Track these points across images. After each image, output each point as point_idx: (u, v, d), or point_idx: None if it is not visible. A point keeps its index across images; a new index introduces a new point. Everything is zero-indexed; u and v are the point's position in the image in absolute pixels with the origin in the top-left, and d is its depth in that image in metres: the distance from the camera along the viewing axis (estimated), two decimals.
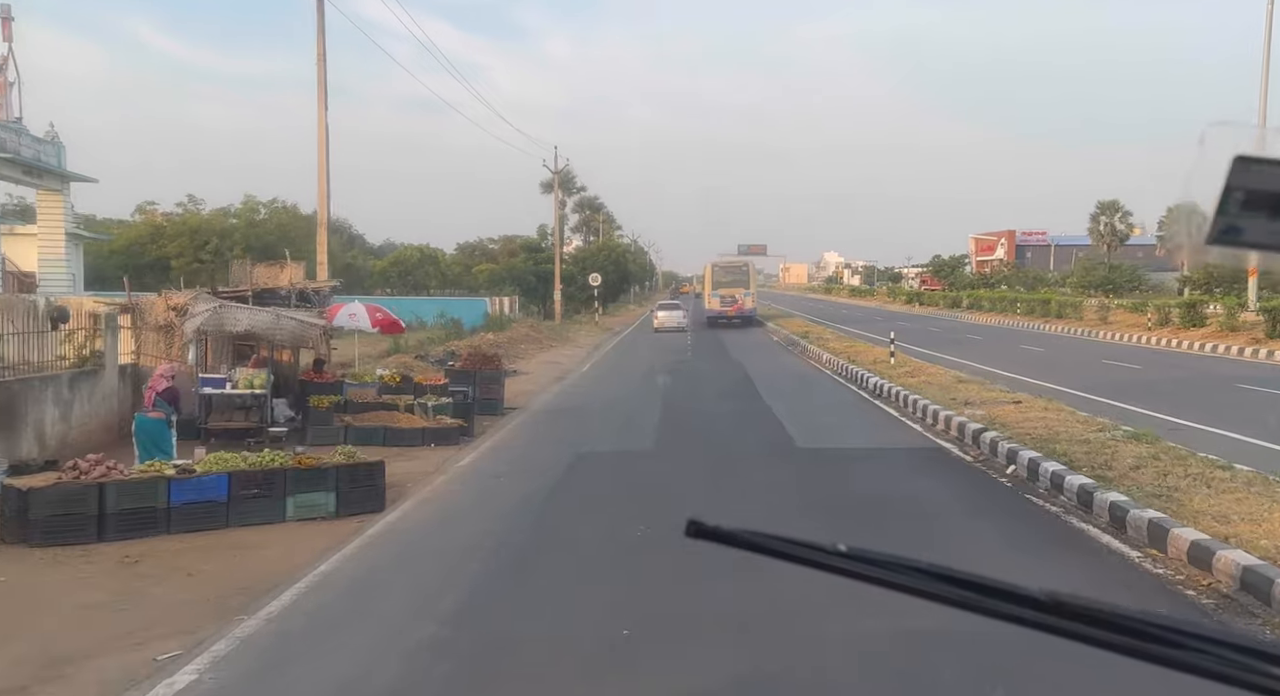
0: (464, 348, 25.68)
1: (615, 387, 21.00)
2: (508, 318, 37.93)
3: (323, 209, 15.43)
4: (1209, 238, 0.82)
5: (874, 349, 25.97)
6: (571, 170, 71.79)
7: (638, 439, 13.66)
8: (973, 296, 56.03)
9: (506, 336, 31.21)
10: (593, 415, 16.50)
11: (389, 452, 12.94)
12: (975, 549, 7.43)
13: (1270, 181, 0.79)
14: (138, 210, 41.87)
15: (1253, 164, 0.79)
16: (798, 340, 32.21)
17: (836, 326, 41.10)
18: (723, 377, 22.58)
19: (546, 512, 9.07)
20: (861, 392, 18.68)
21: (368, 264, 71.55)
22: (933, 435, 13.24)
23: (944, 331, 40.20)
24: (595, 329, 44.71)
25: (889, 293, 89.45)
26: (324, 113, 15.67)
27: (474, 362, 16.63)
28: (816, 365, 25.46)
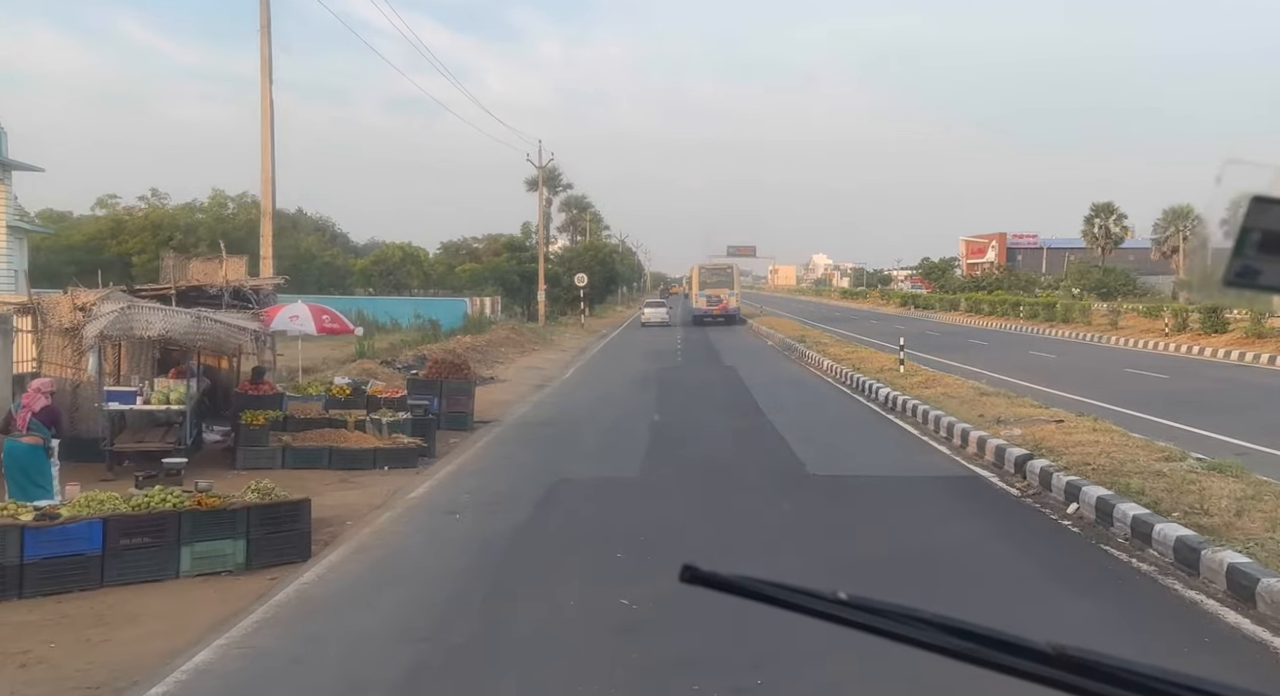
0: (438, 352, 23.80)
1: (599, 398, 19.17)
2: (488, 319, 36.06)
3: (266, 196, 13.58)
4: (1225, 279, 0.81)
5: (878, 355, 24.22)
6: (557, 167, 69.94)
7: (623, 461, 11.84)
8: (971, 299, 54.42)
9: (485, 339, 29.34)
10: (573, 431, 14.67)
11: (333, 478, 11.10)
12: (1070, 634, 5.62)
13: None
14: (99, 203, 39.82)
15: (1271, 205, 0.77)
16: (795, 345, 30.46)
17: (833, 329, 39.39)
18: (717, 387, 20.77)
19: (505, 574, 7.22)
20: (871, 405, 16.91)
21: (348, 263, 69.49)
22: (964, 459, 11.47)
23: (944, 336, 38.53)
24: (581, 331, 42.87)
25: (882, 295, 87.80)
26: (268, 87, 13.84)
27: (440, 371, 14.77)
28: (817, 372, 23.70)
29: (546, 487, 10.27)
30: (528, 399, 18.93)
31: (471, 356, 25.02)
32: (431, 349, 24.01)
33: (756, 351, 32.02)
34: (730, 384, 21.18)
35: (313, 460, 11.40)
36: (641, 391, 19.81)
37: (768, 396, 18.39)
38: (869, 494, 9.94)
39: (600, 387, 21.14)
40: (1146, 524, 7.40)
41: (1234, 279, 0.80)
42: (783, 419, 15.21)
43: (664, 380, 22.05)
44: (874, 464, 11.62)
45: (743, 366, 25.37)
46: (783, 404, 17.31)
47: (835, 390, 19.87)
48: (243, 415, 11.45)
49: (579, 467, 11.70)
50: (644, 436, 13.76)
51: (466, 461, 12.17)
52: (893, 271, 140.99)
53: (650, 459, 12.03)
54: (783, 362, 27.53)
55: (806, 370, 24.76)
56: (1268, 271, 0.78)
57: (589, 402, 18.33)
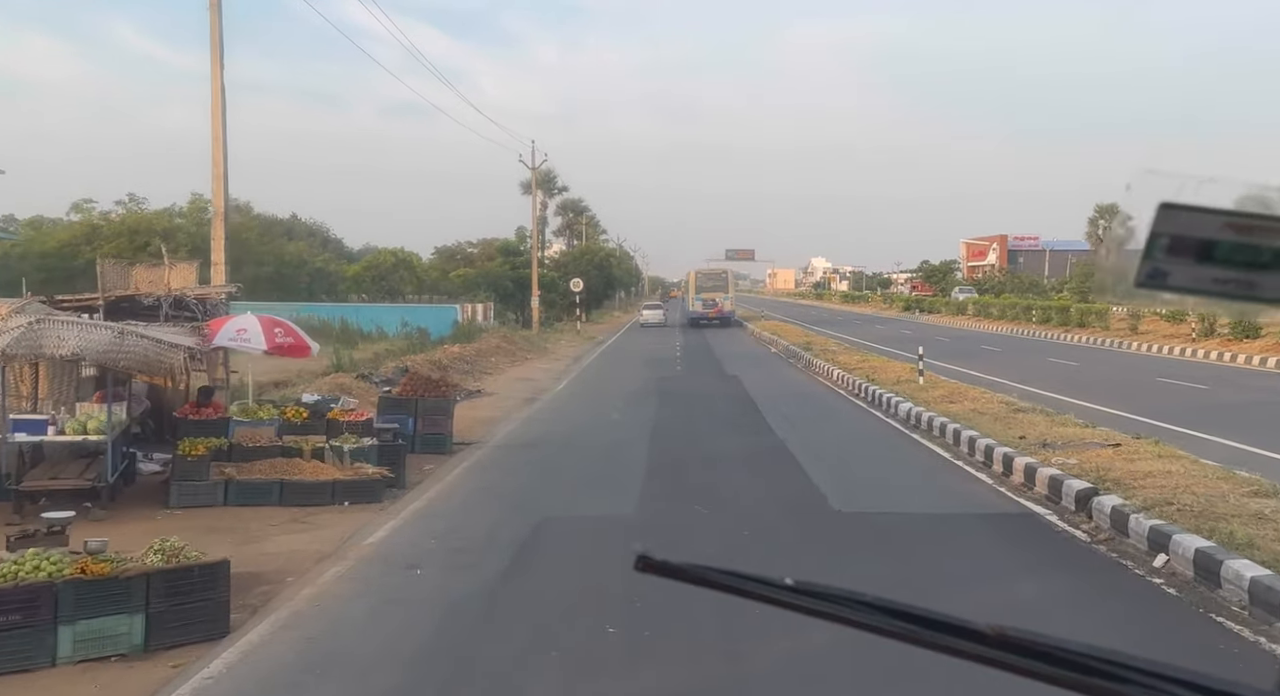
0: (421, 363, 22.30)
1: (594, 414, 17.66)
2: (478, 327, 34.53)
3: (218, 194, 12.02)
4: (1136, 280, 0.86)
5: (892, 364, 22.73)
6: (553, 170, 68.54)
7: (618, 495, 10.33)
8: (979, 303, 52.96)
9: (475, 348, 27.82)
10: (563, 454, 13.15)
11: (283, 517, 9.58)
12: None
13: (1194, 228, 0.83)
14: (73, 208, 38.21)
15: (1177, 211, 0.83)
16: (800, 352, 28.96)
17: (839, 335, 37.90)
18: (721, 400, 19.26)
19: (468, 663, 5.70)
20: (891, 422, 15.40)
21: (340, 269, 68.00)
22: (1011, 492, 9.96)
23: (954, 341, 37.05)
24: (576, 338, 41.35)
25: (884, 299, 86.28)
26: (219, 72, 12.28)
27: (415, 388, 13.24)
28: (827, 383, 22.19)
29: (528, 530, 8.76)
30: (516, 415, 17.41)
31: (458, 367, 23.54)
32: (415, 360, 22.50)
33: (760, 359, 30.52)
34: (735, 396, 19.68)
35: (260, 496, 9.88)
36: (639, 405, 18.31)
37: (776, 411, 16.89)
38: (911, 539, 8.42)
39: (595, 402, 19.62)
40: (1273, 590, 5.90)
41: (1145, 280, 0.86)
42: (796, 438, 13.71)
43: (664, 392, 20.54)
44: (908, 497, 10.11)
45: (747, 376, 23.86)
46: (794, 420, 15.81)
47: (849, 404, 18.35)
48: (180, 444, 9.93)
49: (567, 502, 10.20)
50: (641, 461, 12.26)
51: (440, 494, 10.65)
52: (892, 275, 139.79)
53: (649, 491, 10.52)
54: (789, 372, 26.03)
55: (815, 380, 23.26)
56: (1175, 273, 0.84)
57: (582, 420, 16.82)
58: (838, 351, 27.72)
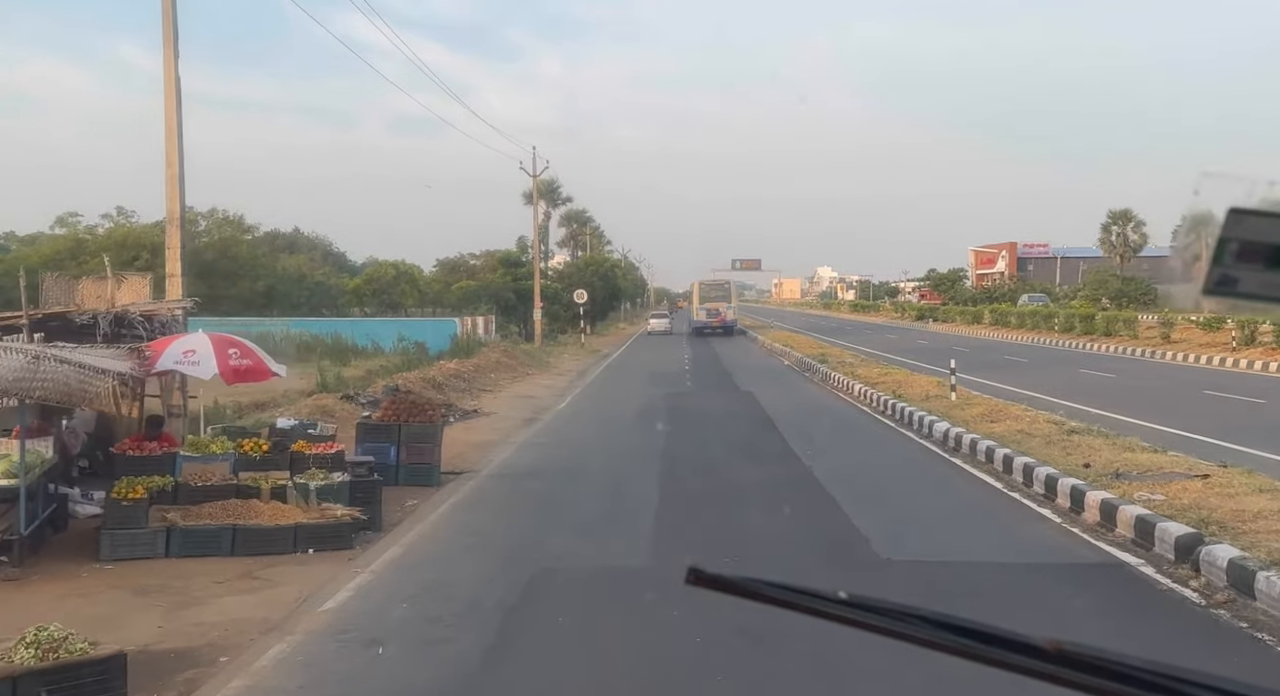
0: (415, 381, 20.93)
1: (598, 437, 16.23)
2: (478, 341, 33.15)
3: (174, 197, 10.58)
4: (1205, 288, 0.84)
5: (917, 378, 21.28)
6: (556, 180, 67.39)
7: (626, 539, 8.91)
8: (996, 311, 51.47)
9: (473, 364, 26.42)
10: (564, 487, 11.72)
11: (233, 570, 8.17)
12: None
13: (1264, 233, 0.80)
14: (58, 222, 36.95)
15: (1247, 216, 0.81)
16: (815, 364, 27.52)
17: (853, 346, 36.45)
18: (736, 419, 17.83)
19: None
20: (927, 444, 13.95)
21: (340, 282, 66.81)
22: (1086, 533, 8.50)
23: (975, 352, 35.57)
24: (581, 352, 39.95)
25: (895, 308, 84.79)
26: (174, 62, 10.88)
27: (398, 413, 11.81)
28: (848, 398, 20.74)
29: (520, 587, 7.33)
30: (514, 438, 15.98)
31: (455, 385, 22.16)
32: (409, 378, 21.11)
33: (773, 372, 29.07)
34: (751, 415, 18.24)
35: (209, 545, 8.47)
36: (647, 427, 16.89)
37: (798, 432, 15.45)
38: (977, 596, 6.95)
39: (599, 422, 18.19)
40: None
41: (1214, 288, 0.83)
42: (824, 466, 12.26)
43: (673, 410, 19.11)
44: (965, 540, 8.65)
45: (761, 391, 22.43)
46: (818, 443, 14.37)
47: (875, 423, 16.90)
48: (116, 484, 8.53)
49: (567, 548, 8.77)
50: (651, 495, 10.82)
51: (421, 538, 9.23)
52: (900, 283, 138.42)
53: (662, 533, 9.08)
54: (805, 386, 24.58)
55: (834, 396, 21.80)
56: (1245, 280, 0.82)
57: (585, 444, 15.39)
58: (855, 363, 26.27)
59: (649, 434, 15.99)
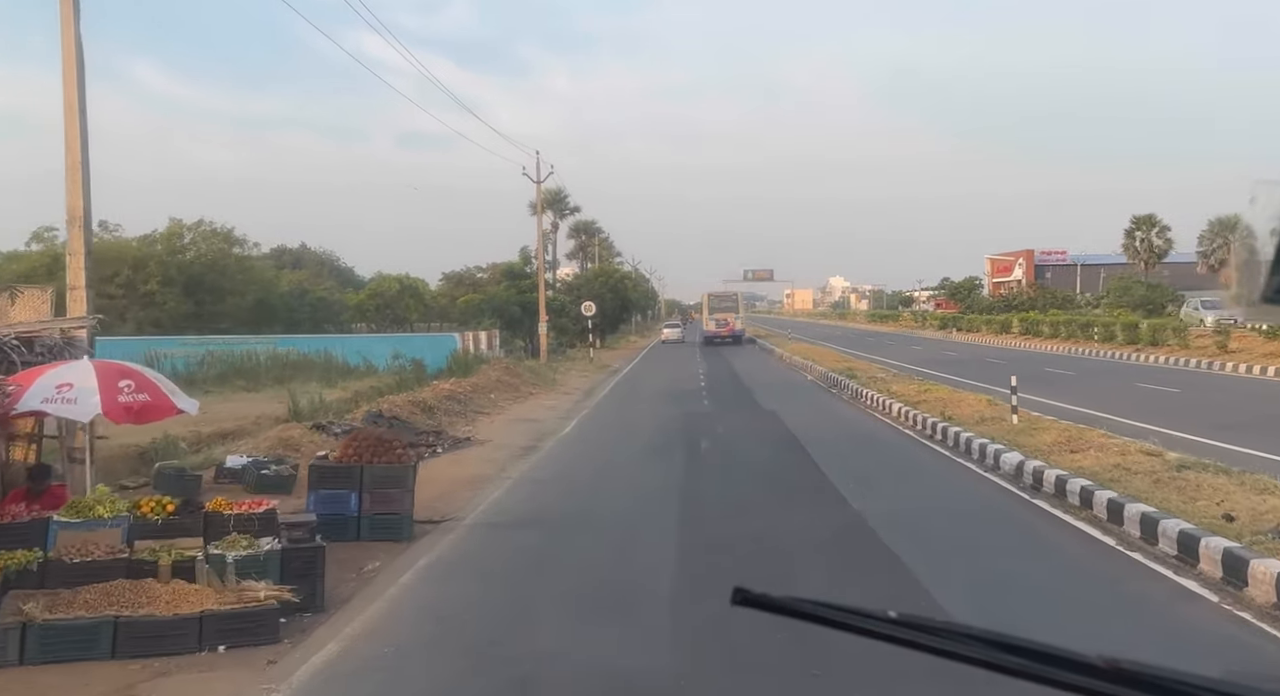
0: (402, 405, 18.82)
1: (606, 470, 14.06)
2: (478, 357, 31.02)
3: (76, 191, 8.45)
4: (1264, 295, 0.84)
5: (963, 395, 19.04)
6: (564, 189, 65.47)
7: (641, 626, 6.74)
8: (1026, 319, 49.09)
9: (471, 384, 24.29)
10: (562, 542, 9.54)
11: (106, 683, 6.03)
12: None
13: None
14: (34, 237, 35.10)
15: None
16: (842, 379, 25.29)
17: (879, 359, 34.21)
18: (762, 445, 15.64)
19: None
20: (996, 479, 11.71)
21: (343, 297, 64.96)
22: (1258, 617, 6.28)
23: (1010, 363, 33.18)
24: (589, 368, 37.79)
25: (915, 318, 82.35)
26: (75, 37, 8.80)
27: (359, 452, 9.64)
28: (885, 419, 18.51)
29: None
30: (509, 472, 13.81)
31: (449, 408, 20.04)
32: (395, 401, 18.99)
33: (796, 389, 26.84)
34: (779, 440, 16.03)
35: (80, 645, 6.33)
36: (661, 457, 14.72)
37: (837, 462, 13.24)
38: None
39: (606, 451, 16.01)
40: None
41: (1275, 295, 0.83)
42: (877, 509, 10.06)
43: (690, 436, 16.95)
44: (1102, 632, 6.39)
45: (786, 410, 20.23)
46: (864, 477, 12.17)
47: (926, 450, 14.65)
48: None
49: (560, 639, 6.59)
50: (669, 555, 8.64)
51: (370, 625, 7.06)
52: (914, 293, 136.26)
53: (686, 613, 6.91)
54: (834, 405, 22.33)
55: (869, 416, 19.56)
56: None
57: (590, 480, 13.21)
58: (888, 379, 24.04)
59: (663, 465, 13.83)
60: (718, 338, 54.45)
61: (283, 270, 64.91)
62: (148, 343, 26.61)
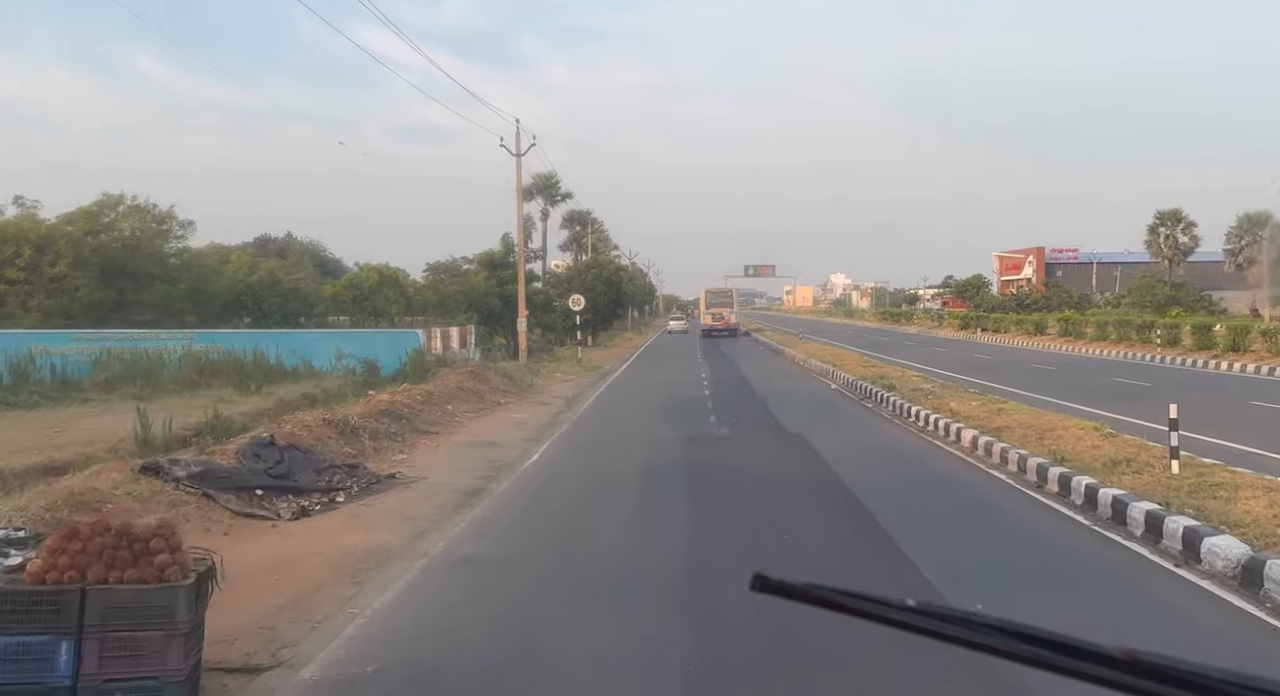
0: (316, 426, 14.24)
1: (572, 536, 9.42)
2: (442, 358, 26.37)
3: None
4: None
5: (1054, 419, 14.48)
6: (555, 174, 60.85)
7: None
8: (1063, 320, 44.56)
9: (424, 392, 19.68)
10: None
11: None
12: None
13: None
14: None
15: None
16: (877, 391, 20.77)
17: (906, 363, 29.67)
18: (797, 492, 11.06)
19: None
20: (1196, 579, 7.14)
21: (315, 288, 60.23)
22: None
23: (1063, 370, 28.77)
24: (576, 369, 33.18)
25: (932, 316, 77.72)
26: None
27: (76, 562, 5.12)
28: (954, 450, 13.91)
29: None
30: (424, 545, 9.19)
31: (381, 427, 15.48)
32: (305, 420, 14.35)
33: (821, 401, 22.27)
34: (822, 487, 11.42)
35: None
36: (656, 509, 10.20)
37: (919, 538, 8.68)
38: None
39: (579, 498, 11.37)
40: None
41: None
42: (1010, 611, 5.47)
43: (695, 474, 12.42)
44: None
45: (818, 434, 15.70)
46: (964, 559, 7.64)
47: (1044, 512, 9.98)
48: None
49: None
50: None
51: None
52: (919, 290, 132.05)
53: None
54: (875, 425, 17.72)
55: (927, 442, 14.96)
56: None
57: (546, 557, 8.58)
58: (937, 392, 19.47)
59: (659, 527, 9.33)
60: (715, 331, 58.66)
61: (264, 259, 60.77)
62: (31, 337, 22.03)
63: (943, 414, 16.09)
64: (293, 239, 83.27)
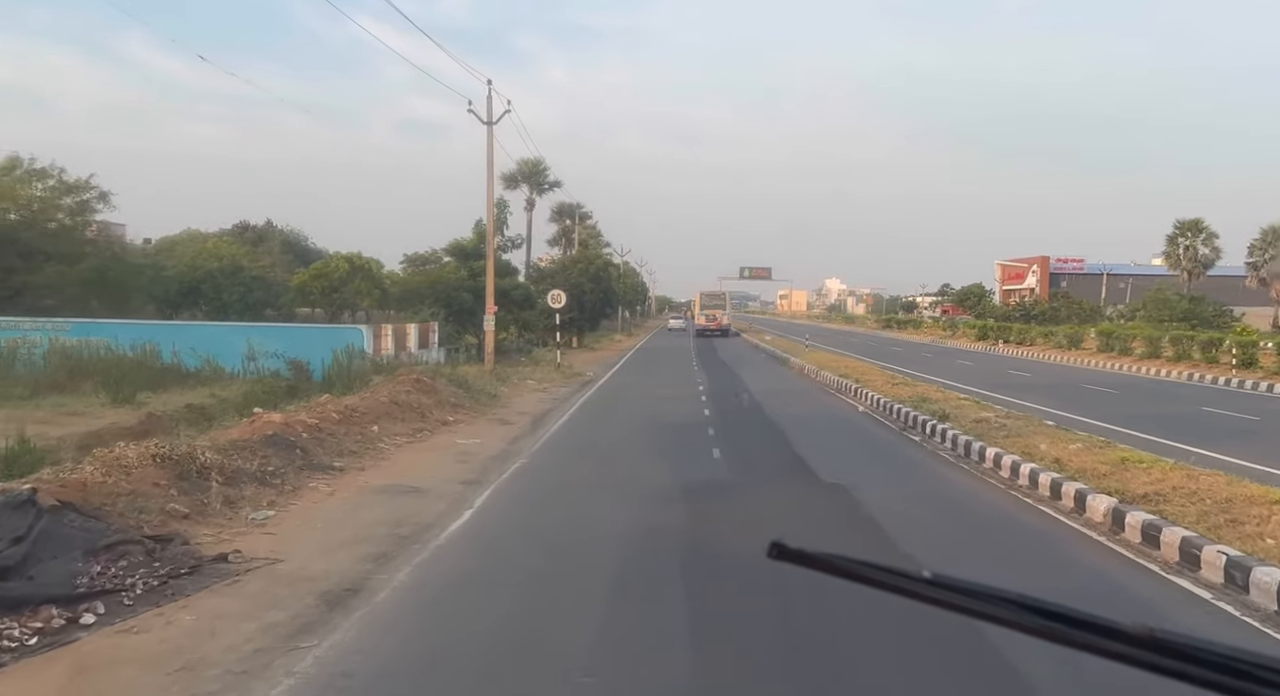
0: (134, 463, 9.63)
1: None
2: (372, 365, 21.65)
3: None
4: None
5: (1210, 479, 9.96)
6: (542, 160, 56.22)
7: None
8: (1105, 331, 40.15)
9: (343, 407, 15.08)
10: None
11: None
12: None
13: None
14: None
15: None
16: (924, 419, 16.35)
17: (935, 379, 25.27)
18: (868, 610, 6.50)
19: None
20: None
21: (286, 277, 55.60)
22: None
23: (1128, 393, 24.38)
24: (554, 376, 28.59)
25: (943, 325, 73.33)
26: None
27: None
28: (1075, 522, 9.39)
29: None
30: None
31: (251, 465, 10.88)
32: (128, 455, 9.71)
33: (854, 431, 17.74)
34: (903, 620, 6.90)
35: None
36: (641, 655, 5.64)
37: None
38: None
39: (518, 619, 6.77)
40: None
41: None
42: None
43: (702, 562, 7.94)
44: None
45: (867, 487, 11.25)
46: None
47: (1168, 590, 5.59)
48: None
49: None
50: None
51: None
52: (917, 298, 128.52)
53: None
54: (940, 473, 13.14)
55: (1032, 509, 10.44)
56: None
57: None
58: (1008, 424, 14.99)
59: (645, 667, 4.81)
60: (708, 330, 62.64)
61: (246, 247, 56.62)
62: None
63: (1037, 461, 11.62)
64: (272, 227, 78.82)
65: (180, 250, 54.95)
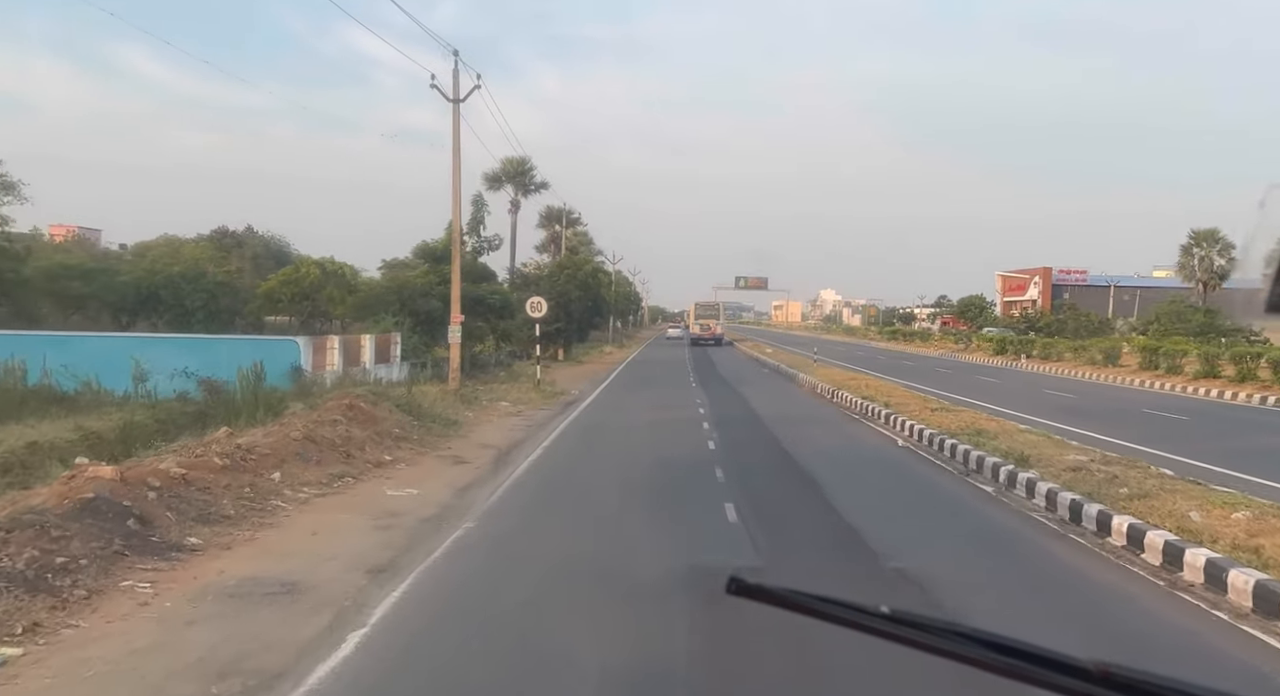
0: None
1: None
2: (316, 380, 17.85)
3: None
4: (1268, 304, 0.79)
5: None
6: (529, 160, 52.52)
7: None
8: (1150, 347, 36.50)
9: (234, 447, 11.28)
10: None
11: None
12: None
13: None
14: None
15: None
16: (993, 461, 12.67)
17: (967, 400, 21.63)
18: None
19: None
20: None
21: (251, 283, 51.89)
22: None
23: (1196, 420, 20.77)
24: (532, 394, 24.77)
25: (955, 338, 69.73)
26: None
27: None
28: (1248, 624, 5.71)
29: None
30: None
31: (42, 552, 6.92)
32: None
33: (903, 476, 13.98)
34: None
35: None
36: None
37: None
38: None
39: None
40: None
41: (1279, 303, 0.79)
42: None
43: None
44: None
45: (953, 578, 7.56)
46: None
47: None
48: None
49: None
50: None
51: None
52: (915, 309, 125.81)
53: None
54: (1053, 554, 9.43)
55: (1216, 620, 6.75)
56: None
57: None
58: (1121, 475, 11.28)
59: None
60: (703, 338, 65.21)
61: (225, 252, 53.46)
62: None
63: (1205, 543, 7.92)
64: (252, 232, 75.20)
65: (153, 255, 51.34)
